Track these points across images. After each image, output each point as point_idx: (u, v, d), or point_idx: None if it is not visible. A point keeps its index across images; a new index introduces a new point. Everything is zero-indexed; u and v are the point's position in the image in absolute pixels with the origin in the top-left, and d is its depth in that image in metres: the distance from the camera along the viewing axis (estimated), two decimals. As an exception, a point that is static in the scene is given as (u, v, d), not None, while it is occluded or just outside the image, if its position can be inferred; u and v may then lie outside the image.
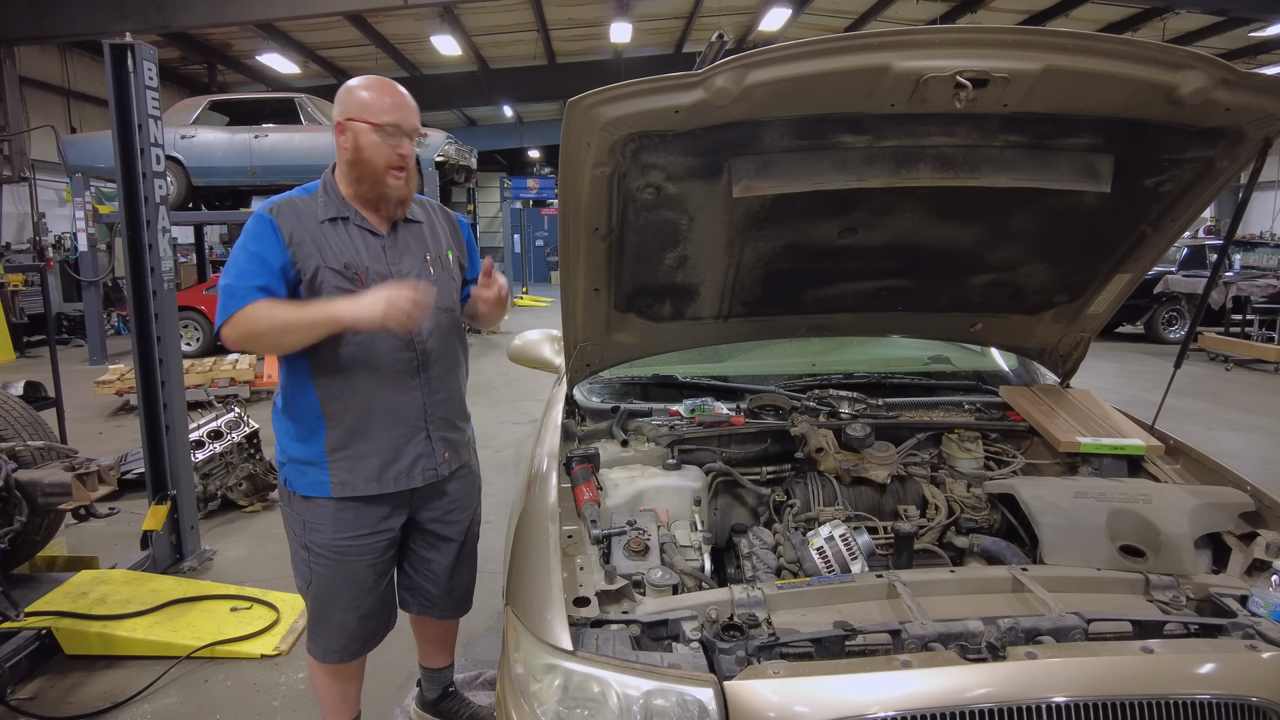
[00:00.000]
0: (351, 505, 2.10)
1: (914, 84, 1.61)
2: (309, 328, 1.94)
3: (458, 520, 2.33)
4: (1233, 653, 1.45)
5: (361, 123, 1.97)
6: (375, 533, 2.14)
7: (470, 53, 17.25)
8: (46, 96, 15.24)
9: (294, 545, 2.18)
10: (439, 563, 2.33)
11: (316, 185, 2.11)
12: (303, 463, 2.09)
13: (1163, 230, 2.21)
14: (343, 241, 2.04)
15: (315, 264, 1.99)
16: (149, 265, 3.88)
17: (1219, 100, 1.70)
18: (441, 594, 2.37)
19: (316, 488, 2.09)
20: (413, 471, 2.14)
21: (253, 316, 1.92)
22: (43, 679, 3.09)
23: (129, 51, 3.75)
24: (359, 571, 2.15)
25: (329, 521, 2.10)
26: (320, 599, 2.18)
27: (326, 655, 2.24)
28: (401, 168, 2.03)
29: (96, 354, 10.69)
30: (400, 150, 2.00)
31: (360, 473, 2.08)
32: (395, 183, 2.04)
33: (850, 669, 1.41)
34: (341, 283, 2.01)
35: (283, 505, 2.21)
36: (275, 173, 10.43)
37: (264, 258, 1.97)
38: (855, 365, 3.20)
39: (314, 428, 2.07)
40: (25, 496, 2.96)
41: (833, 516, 2.15)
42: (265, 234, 1.98)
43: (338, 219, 2.05)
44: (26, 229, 14.24)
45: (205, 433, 4.97)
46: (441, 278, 2.18)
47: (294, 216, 2.02)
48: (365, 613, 2.20)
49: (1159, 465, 2.30)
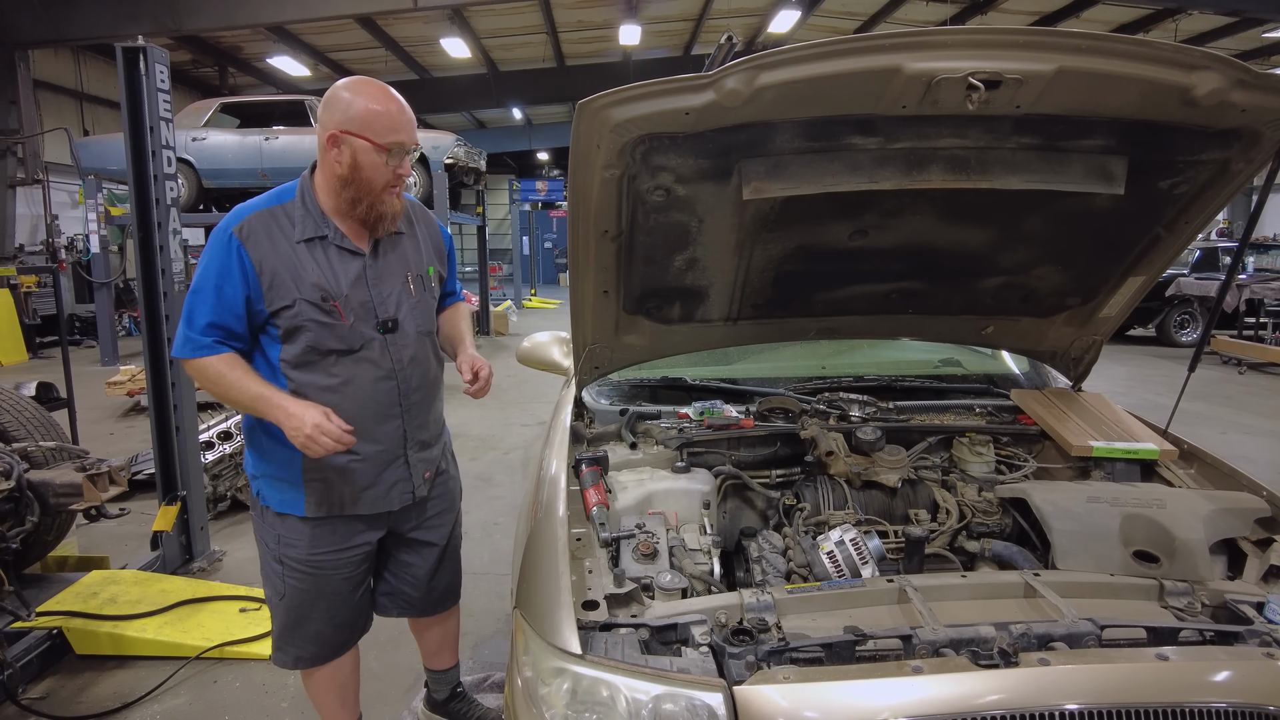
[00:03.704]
0: (327, 522, 2.06)
1: (926, 85, 1.60)
2: (248, 405, 1.90)
3: (439, 525, 2.30)
4: (1249, 660, 1.43)
5: (362, 139, 1.85)
6: (352, 548, 2.11)
7: (480, 55, 17.30)
8: (60, 99, 15.38)
9: (266, 557, 2.12)
10: (420, 567, 2.30)
11: (293, 190, 1.98)
12: (277, 479, 2.04)
13: (1177, 233, 2.19)
14: (320, 266, 1.92)
15: (292, 296, 1.89)
16: (160, 267, 3.90)
17: (1235, 101, 1.69)
18: (420, 596, 2.34)
19: (291, 505, 2.04)
20: (390, 495, 2.11)
21: (203, 372, 1.90)
22: (53, 678, 3.11)
23: (141, 55, 3.78)
24: (335, 585, 2.11)
25: (304, 538, 2.05)
26: (294, 611, 2.12)
27: (296, 663, 2.18)
28: (399, 185, 1.94)
29: (108, 355, 10.75)
30: (400, 170, 1.92)
31: (336, 496, 2.04)
32: (392, 201, 1.95)
33: (861, 674, 1.40)
34: (318, 315, 1.91)
35: (254, 516, 2.14)
36: (285, 175, 10.26)
37: (223, 291, 1.87)
38: (865, 368, 3.19)
39: (289, 447, 1.91)
40: (37, 497, 2.97)
41: (843, 520, 2.13)
42: (229, 264, 1.86)
43: (315, 239, 1.93)
44: (40, 231, 14.36)
45: (215, 434, 5.00)
46: (422, 298, 2.11)
47: (266, 240, 1.89)
48: (340, 622, 2.17)
49: (1173, 470, 2.28)
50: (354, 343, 1.97)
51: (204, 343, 1.88)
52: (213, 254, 1.88)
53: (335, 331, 1.94)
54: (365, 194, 1.91)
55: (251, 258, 1.87)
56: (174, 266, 3.94)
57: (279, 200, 1.96)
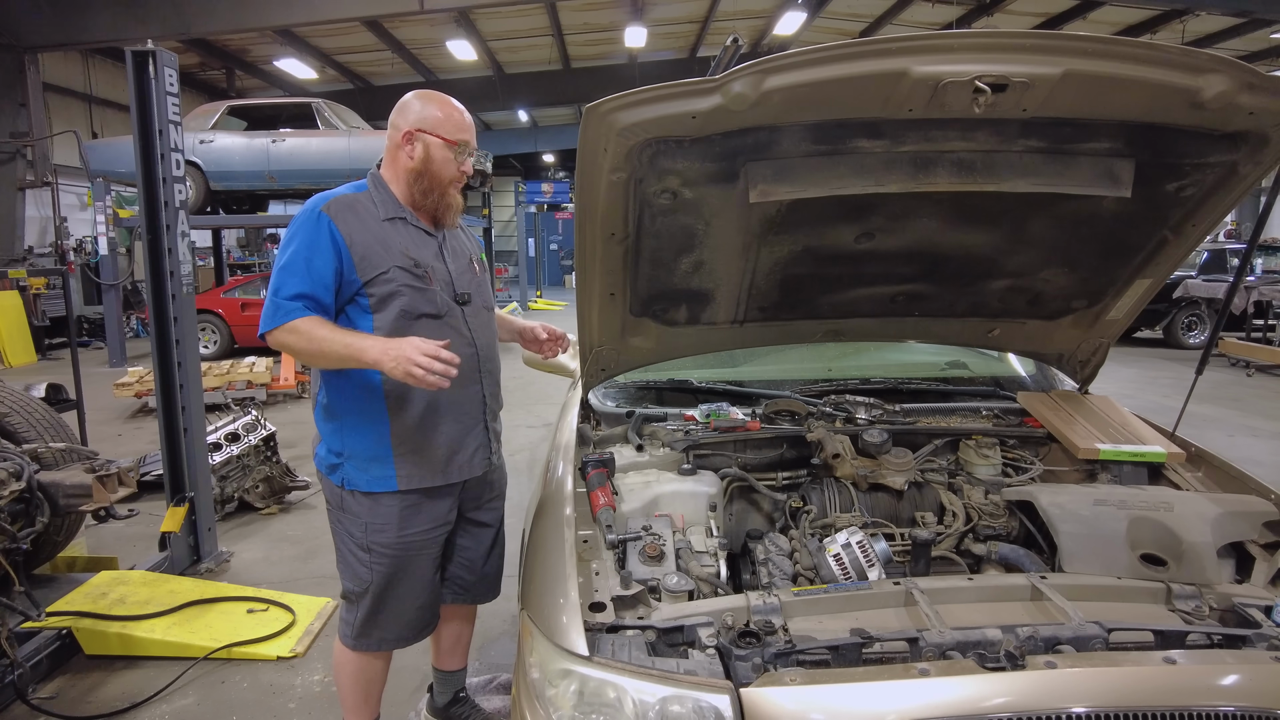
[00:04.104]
0: (414, 499, 2.13)
1: (932, 89, 1.61)
2: (342, 355, 1.97)
3: (494, 508, 2.42)
4: (1257, 664, 1.43)
5: (435, 137, 2.07)
6: (438, 526, 2.20)
7: (486, 58, 17.33)
8: (69, 102, 15.46)
9: (349, 548, 2.18)
10: (475, 549, 2.39)
11: (363, 185, 2.14)
12: (366, 458, 2.11)
13: (1184, 235, 2.19)
14: (406, 240, 2.10)
15: (387, 264, 2.03)
16: (168, 269, 3.92)
17: (1242, 104, 1.69)
18: (476, 579, 2.42)
19: (382, 482, 2.11)
20: (474, 461, 2.22)
21: (295, 331, 1.97)
22: (63, 678, 3.13)
23: (150, 58, 3.80)
24: (421, 565, 2.20)
25: (394, 519, 2.12)
26: (380, 597, 2.18)
27: (382, 644, 2.26)
28: (461, 182, 2.16)
29: (116, 356, 10.79)
30: (463, 167, 2.13)
31: (426, 465, 2.13)
32: (456, 195, 2.17)
33: (867, 677, 1.40)
34: (412, 280, 2.06)
35: (333, 510, 2.20)
36: (292, 177, 10.52)
37: (313, 264, 1.99)
38: (872, 370, 3.19)
39: (377, 423, 2.08)
40: (47, 498, 2.99)
41: (849, 523, 2.13)
42: (320, 238, 2.00)
43: (396, 218, 2.11)
44: (49, 233, 14.46)
45: (223, 435, 5.01)
46: (483, 279, 2.32)
47: (354, 217, 2.04)
48: (423, 603, 2.26)
49: (1180, 473, 2.28)
50: (441, 309, 2.11)
51: (292, 307, 1.97)
52: (302, 232, 2.01)
53: (427, 296, 2.09)
54: (435, 185, 2.12)
55: (342, 232, 2.01)
56: (182, 268, 3.96)
57: (354, 190, 2.13)
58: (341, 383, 2.10)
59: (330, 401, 2.14)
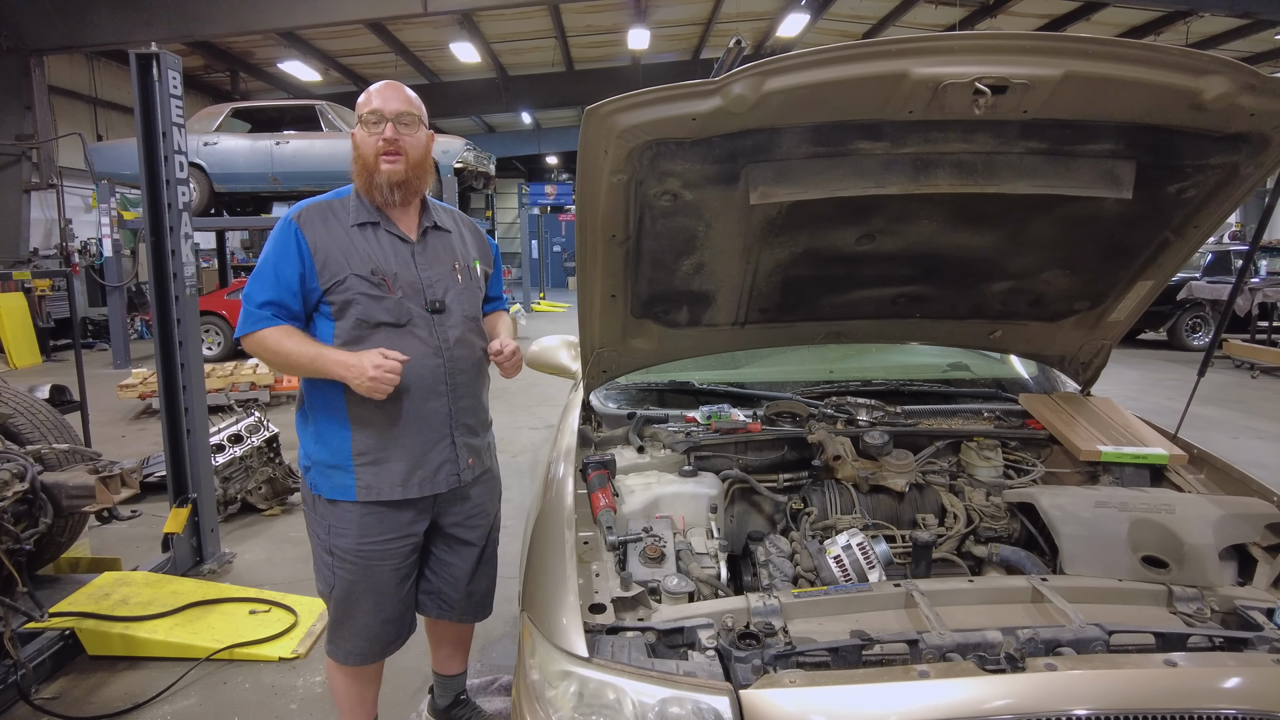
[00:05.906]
0: (376, 510, 2.12)
1: (933, 90, 1.60)
2: (308, 366, 2.04)
3: (479, 525, 2.35)
4: (1259, 667, 1.43)
5: (357, 122, 2.12)
6: (400, 537, 2.17)
7: (489, 60, 17.36)
8: (74, 104, 15.51)
9: (317, 549, 2.21)
10: (459, 567, 2.35)
11: (349, 189, 2.18)
12: (328, 466, 2.12)
13: (1186, 237, 2.18)
14: (371, 247, 2.10)
15: (344, 272, 2.05)
16: (172, 270, 3.93)
17: (1244, 105, 1.68)
18: (460, 598, 2.38)
19: (341, 491, 2.12)
20: (437, 477, 2.18)
21: (262, 343, 2.04)
22: (66, 679, 3.13)
23: (154, 60, 3.81)
24: (383, 576, 2.17)
25: (354, 526, 2.12)
26: (343, 603, 2.19)
27: (348, 658, 2.25)
28: (392, 153, 2.07)
29: (120, 358, 10.82)
30: (384, 135, 2.06)
31: (385, 478, 2.11)
32: (387, 167, 2.08)
33: (867, 679, 1.40)
34: (368, 289, 2.06)
35: (306, 509, 2.24)
36: (296, 179, 10.54)
37: (279, 271, 2.04)
38: (873, 372, 3.18)
39: (340, 432, 2.11)
40: (50, 499, 3.00)
41: (850, 525, 2.13)
42: (288, 245, 2.04)
43: (367, 224, 2.12)
44: (53, 235, 14.50)
45: (226, 436, 5.02)
46: (469, 287, 2.26)
47: (320, 223, 2.08)
48: (387, 617, 2.22)
49: (1182, 475, 2.27)
50: (401, 317, 2.10)
51: (262, 316, 2.04)
52: (274, 239, 2.07)
53: (383, 304, 2.08)
54: (362, 166, 2.11)
55: (307, 239, 2.05)
56: (186, 270, 3.97)
57: (336, 196, 2.18)
58: (314, 389, 2.13)
59: (306, 406, 2.18)
